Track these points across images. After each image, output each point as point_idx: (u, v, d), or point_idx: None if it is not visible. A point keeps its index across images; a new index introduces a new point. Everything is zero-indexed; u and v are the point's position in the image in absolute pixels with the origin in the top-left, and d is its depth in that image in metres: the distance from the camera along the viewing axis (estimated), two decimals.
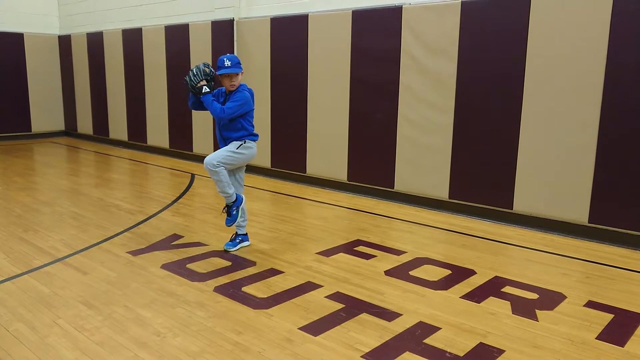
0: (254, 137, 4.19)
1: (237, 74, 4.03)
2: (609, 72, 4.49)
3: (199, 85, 4.06)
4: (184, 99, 8.38)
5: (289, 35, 6.84)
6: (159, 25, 8.70)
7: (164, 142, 9.04)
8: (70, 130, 11.38)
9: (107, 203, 5.80)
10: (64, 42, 10.91)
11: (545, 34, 4.80)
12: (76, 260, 4.02)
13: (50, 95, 11.11)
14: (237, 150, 4.08)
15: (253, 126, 4.19)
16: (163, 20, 8.70)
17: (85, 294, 3.41)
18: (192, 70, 4.07)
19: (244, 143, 4.11)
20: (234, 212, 4.17)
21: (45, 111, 11.09)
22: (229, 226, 4.23)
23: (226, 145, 4.14)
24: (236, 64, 4.01)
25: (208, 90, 4.05)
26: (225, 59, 3.99)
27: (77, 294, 3.40)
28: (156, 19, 8.85)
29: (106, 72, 9.97)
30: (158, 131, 9.11)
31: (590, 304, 3.39)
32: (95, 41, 10.09)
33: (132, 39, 9.23)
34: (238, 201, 4.18)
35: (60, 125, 11.43)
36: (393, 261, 4.13)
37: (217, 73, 4.03)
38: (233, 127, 4.11)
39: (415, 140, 5.79)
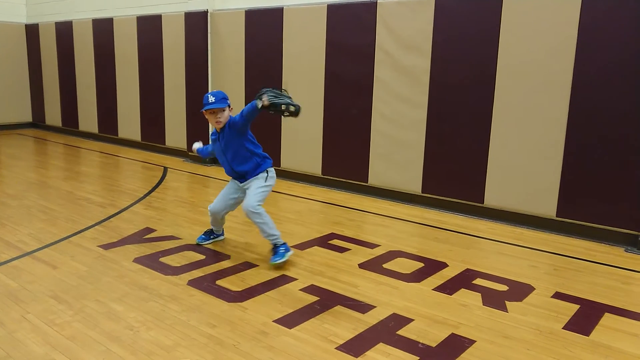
0: (269, 160, 3.98)
1: (223, 109, 3.79)
2: (577, 72, 4.60)
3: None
4: (156, 91, 8.27)
5: (264, 28, 6.80)
6: (130, 16, 8.54)
7: (136, 135, 8.90)
8: (38, 122, 11.10)
9: (77, 196, 5.69)
10: (32, 31, 10.62)
11: (517, 33, 4.89)
12: (45, 254, 3.94)
13: (17, 85, 10.80)
14: (267, 183, 3.91)
15: (260, 145, 3.97)
16: (135, 11, 8.54)
17: (55, 288, 3.35)
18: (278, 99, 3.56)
19: (268, 173, 3.93)
20: (282, 251, 3.84)
21: (11, 102, 10.78)
22: (276, 263, 3.80)
23: (246, 179, 3.92)
24: (221, 99, 3.78)
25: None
26: (209, 96, 3.78)
27: (47, 288, 3.33)
28: (128, 9, 8.68)
29: (76, 62, 9.74)
30: (130, 123, 8.96)
31: (558, 295, 3.49)
32: (64, 31, 9.85)
33: (103, 29, 9.04)
34: (285, 244, 3.90)
35: (27, 117, 11.14)
36: (367, 254, 4.16)
37: (202, 110, 3.81)
38: (243, 156, 3.86)
39: (389, 135, 5.83)
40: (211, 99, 3.78)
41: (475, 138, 5.24)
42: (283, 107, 3.53)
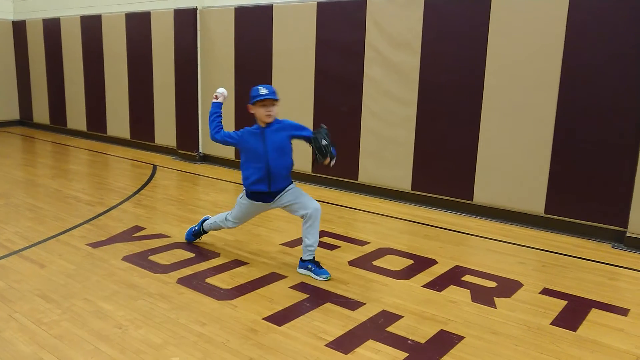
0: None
1: (275, 102, 3.57)
2: (565, 71, 4.63)
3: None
4: (145, 88, 8.22)
5: (254, 25, 6.78)
6: (119, 13, 8.48)
7: (125, 133, 8.84)
8: (25, 120, 10.99)
9: (65, 194, 5.65)
10: (19, 28, 10.51)
11: (505, 31, 4.91)
12: (33, 253, 3.91)
13: (4, 83, 10.68)
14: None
15: None
16: (124, 8, 8.48)
17: (43, 287, 3.32)
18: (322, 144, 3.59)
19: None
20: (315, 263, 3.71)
21: None
22: (328, 278, 3.61)
23: (270, 190, 3.63)
24: (273, 92, 3.57)
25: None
26: (260, 87, 3.56)
27: (35, 287, 3.31)
28: (116, 6, 8.61)
29: (64, 60, 9.66)
30: (118, 121, 8.91)
31: (546, 291, 3.52)
32: (52, 27, 9.75)
33: (91, 26, 8.96)
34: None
35: (15, 115, 11.02)
36: (357, 251, 4.17)
37: (253, 101, 3.54)
38: (286, 159, 3.66)
39: (379, 132, 5.84)
40: (264, 90, 3.55)
41: (465, 136, 5.27)
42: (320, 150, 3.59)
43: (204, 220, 4.18)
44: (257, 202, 3.72)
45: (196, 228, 4.20)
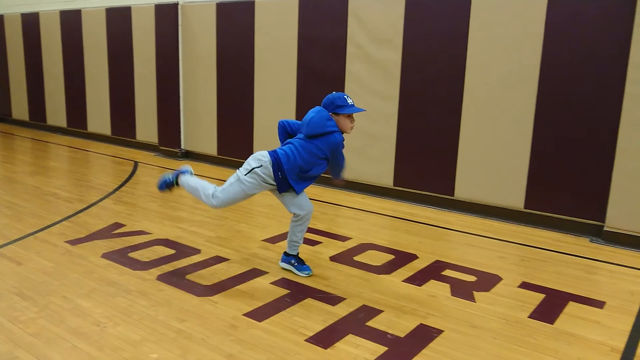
0: None
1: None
2: (544, 68, 4.68)
3: None
4: (126, 84, 8.13)
5: (236, 21, 6.74)
6: (99, 7, 8.37)
7: (106, 129, 8.74)
8: (4, 116, 10.81)
9: (44, 191, 5.57)
10: None
11: (486, 29, 4.94)
12: (10, 251, 3.85)
13: None
14: None
15: None
16: (104, 2, 8.36)
17: (19, 284, 3.27)
18: None
19: None
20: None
21: None
22: (310, 274, 3.59)
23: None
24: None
25: None
26: (347, 97, 3.41)
27: (11, 285, 3.26)
28: (96, 1, 8.50)
29: (43, 55, 9.51)
30: (99, 117, 8.80)
31: (524, 285, 3.56)
32: (30, 22, 9.59)
33: (71, 21, 8.83)
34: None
35: None
36: (338, 247, 4.18)
37: (343, 112, 3.42)
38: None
39: (361, 128, 5.84)
40: (351, 101, 3.41)
41: (446, 132, 5.30)
42: None
43: (180, 172, 3.62)
44: (270, 185, 3.43)
45: (170, 179, 3.62)
